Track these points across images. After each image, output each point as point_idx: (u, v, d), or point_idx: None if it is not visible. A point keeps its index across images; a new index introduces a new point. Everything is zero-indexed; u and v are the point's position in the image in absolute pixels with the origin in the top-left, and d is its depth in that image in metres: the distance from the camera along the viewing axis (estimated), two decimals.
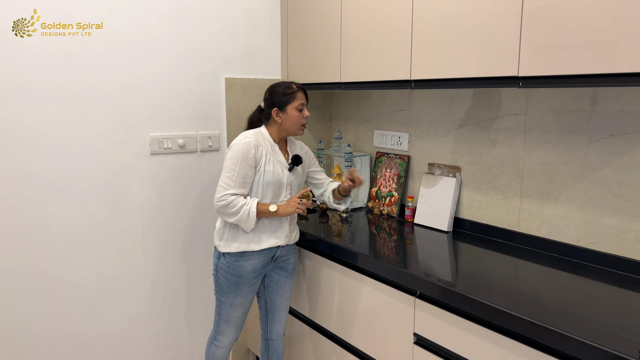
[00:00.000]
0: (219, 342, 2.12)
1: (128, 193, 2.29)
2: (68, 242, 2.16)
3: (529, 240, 1.99)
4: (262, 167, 1.93)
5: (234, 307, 2.05)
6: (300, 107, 1.97)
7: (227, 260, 1.99)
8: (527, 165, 1.99)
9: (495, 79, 1.69)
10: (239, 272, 1.99)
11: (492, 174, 2.12)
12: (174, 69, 2.34)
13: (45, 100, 2.04)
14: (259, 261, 2.01)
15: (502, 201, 2.09)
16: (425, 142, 2.40)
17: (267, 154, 1.95)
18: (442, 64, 1.85)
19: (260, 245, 1.98)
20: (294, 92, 1.96)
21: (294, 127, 1.99)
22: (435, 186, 2.29)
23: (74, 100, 2.10)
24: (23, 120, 2.00)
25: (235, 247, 1.97)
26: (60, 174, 2.11)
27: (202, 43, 2.42)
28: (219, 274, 2.02)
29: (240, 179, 1.89)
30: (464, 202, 2.24)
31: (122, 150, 2.25)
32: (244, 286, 2.02)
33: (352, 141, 2.81)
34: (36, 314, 2.12)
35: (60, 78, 2.06)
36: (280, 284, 2.15)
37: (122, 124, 2.23)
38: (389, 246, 2.16)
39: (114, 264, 2.30)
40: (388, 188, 2.54)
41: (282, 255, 2.09)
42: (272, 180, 1.95)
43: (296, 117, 1.96)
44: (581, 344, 1.23)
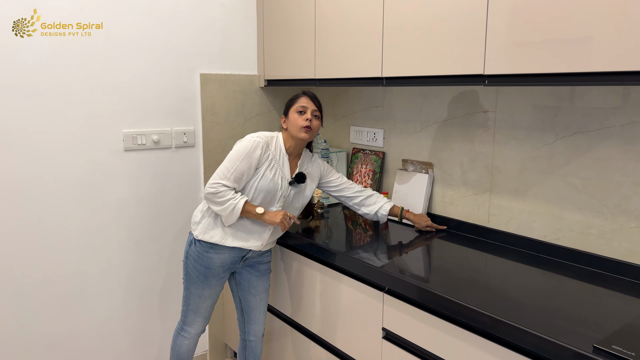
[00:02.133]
0: (185, 333, 2.12)
1: (102, 190, 2.28)
2: (41, 239, 2.15)
3: (499, 235, 2.03)
4: (262, 171, 1.92)
5: (202, 298, 2.06)
6: (300, 110, 1.96)
7: (197, 249, 1.99)
8: (497, 161, 2.02)
9: (462, 77, 1.71)
10: (208, 263, 1.99)
11: (463, 170, 2.14)
12: (148, 64, 2.33)
13: (16, 97, 2.02)
14: (228, 257, 2.01)
15: (473, 197, 2.12)
16: (399, 139, 2.42)
17: (273, 160, 1.95)
18: (412, 62, 1.86)
19: (232, 242, 1.98)
20: (297, 96, 2.01)
21: (295, 129, 1.96)
22: (408, 182, 2.32)
23: (45, 97, 2.08)
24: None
25: (209, 236, 1.97)
26: (32, 170, 2.09)
27: (177, 38, 2.41)
28: (189, 261, 2.02)
29: (236, 174, 1.88)
30: (436, 197, 2.27)
31: (95, 146, 2.24)
32: (213, 278, 2.03)
33: (329, 137, 2.82)
34: (9, 312, 2.11)
35: (31, 75, 2.04)
36: (252, 283, 2.14)
37: (95, 121, 2.22)
38: (363, 242, 2.18)
39: (88, 261, 2.29)
40: (364, 184, 2.56)
41: (253, 257, 2.10)
42: (267, 188, 1.94)
43: (295, 119, 1.96)
44: (538, 338, 1.26)
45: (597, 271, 1.72)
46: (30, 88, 2.04)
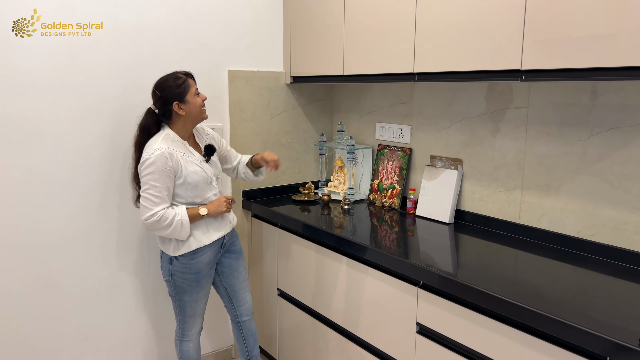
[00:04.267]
0: (187, 338, 2.16)
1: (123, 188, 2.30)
2: (73, 233, 2.18)
3: (530, 232, 2.02)
4: (184, 172, 1.91)
5: (197, 301, 2.09)
6: (197, 92, 1.97)
7: (180, 262, 2.00)
8: (528, 157, 2.01)
9: (498, 72, 1.71)
10: (196, 269, 2.02)
11: (494, 167, 2.14)
12: (177, 61, 2.35)
13: (48, 93, 2.05)
14: (211, 253, 2.05)
15: (503, 193, 2.12)
16: (427, 135, 2.42)
17: (183, 156, 1.92)
18: (446, 57, 1.87)
19: (210, 238, 2.02)
20: (185, 80, 1.93)
21: (199, 112, 1.97)
22: (437, 178, 2.32)
23: (76, 94, 2.11)
24: (26, 113, 2.01)
25: (186, 247, 1.97)
26: (65, 164, 2.12)
27: (205, 36, 2.43)
28: (175, 277, 2.03)
29: (164, 193, 1.88)
30: (466, 194, 2.27)
31: (127, 142, 2.26)
32: (203, 279, 2.07)
33: (354, 134, 2.83)
34: (42, 305, 2.15)
35: (62, 72, 2.07)
36: (233, 267, 2.20)
37: (126, 118, 2.24)
38: (391, 237, 2.19)
39: (118, 255, 2.32)
40: (390, 180, 2.56)
41: (228, 240, 2.16)
42: (199, 180, 1.96)
43: (198, 102, 1.96)
44: (581, 332, 1.26)
45: (633, 267, 1.71)
46: (63, 84, 2.07)
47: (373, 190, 2.65)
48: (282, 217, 2.43)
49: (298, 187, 2.84)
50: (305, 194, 2.70)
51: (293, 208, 2.58)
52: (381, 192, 2.60)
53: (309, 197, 2.68)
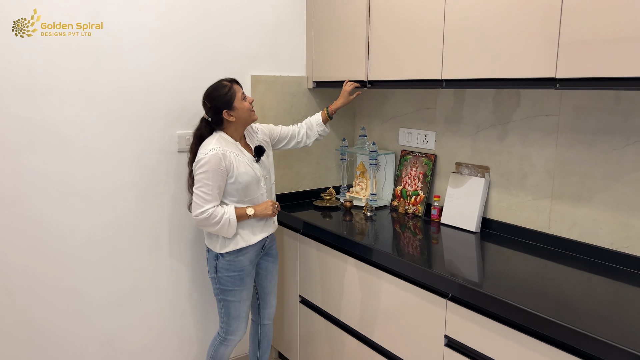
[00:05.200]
0: (229, 342, 2.18)
1: (155, 190, 2.30)
2: (96, 238, 2.18)
3: (560, 242, 1.97)
4: (235, 172, 1.99)
5: (242, 301, 2.13)
6: (244, 96, 2.03)
7: (226, 259, 2.06)
8: (559, 166, 1.96)
9: (531, 80, 1.67)
10: (240, 266, 2.08)
11: (522, 175, 2.09)
12: (200, 66, 2.34)
13: (75, 98, 2.05)
14: (253, 252, 2.12)
15: (532, 202, 2.07)
16: (452, 141, 2.38)
17: (235, 157, 2.00)
18: (476, 64, 1.82)
19: (255, 238, 2.10)
20: (230, 87, 2.01)
21: (247, 115, 2.04)
22: (463, 186, 2.27)
23: (102, 98, 2.11)
24: (50, 117, 2.01)
25: (233, 245, 2.05)
26: (88, 172, 2.12)
27: (228, 40, 2.41)
28: (220, 274, 2.08)
29: (216, 192, 1.96)
30: (493, 202, 2.22)
31: (150, 148, 2.26)
32: (247, 278, 2.12)
33: (376, 139, 2.79)
34: (68, 309, 2.15)
35: (87, 76, 2.06)
36: (269, 270, 2.27)
37: (150, 122, 2.24)
38: (416, 246, 2.15)
39: (140, 260, 2.32)
40: (413, 187, 2.52)
41: (269, 243, 2.22)
42: (249, 180, 2.03)
43: (246, 106, 2.03)
44: (618, 350, 1.22)
45: None
46: (89, 89, 2.07)
47: (396, 197, 2.61)
48: (304, 223, 2.40)
49: (319, 193, 2.82)
50: (327, 199, 2.67)
51: (315, 214, 2.56)
52: (404, 198, 2.56)
53: (331, 203, 2.65)
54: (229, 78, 2.05)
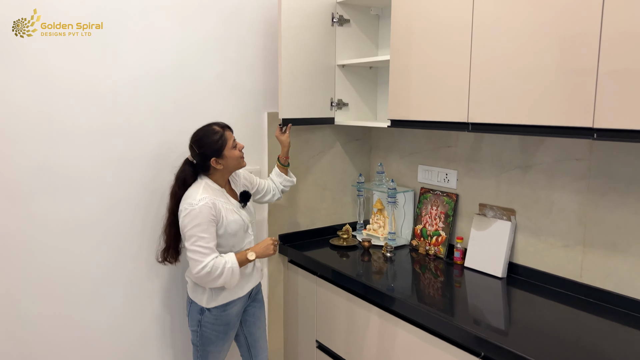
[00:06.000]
0: None
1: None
2: (107, 283, 2.11)
3: (593, 292, 1.88)
4: (224, 221, 1.89)
5: (222, 352, 2.05)
6: (234, 144, 1.94)
7: (213, 314, 1.96)
8: (591, 213, 1.88)
9: (566, 128, 1.59)
10: (227, 320, 1.99)
11: (551, 220, 2.01)
12: (217, 103, 2.29)
13: (88, 139, 1.99)
14: (241, 304, 2.03)
15: (562, 249, 1.98)
16: (475, 181, 2.30)
17: (224, 205, 1.90)
18: (506, 108, 1.74)
19: (244, 290, 2.01)
20: (222, 134, 1.90)
21: (236, 163, 1.97)
22: (488, 228, 2.19)
23: (117, 138, 2.06)
24: (62, 161, 1.95)
25: (222, 298, 1.95)
26: (97, 213, 2.06)
27: (245, 77, 2.36)
28: (205, 328, 1.97)
29: (212, 243, 1.84)
30: (519, 246, 2.14)
31: (162, 188, 2.19)
32: (231, 331, 2.04)
33: (394, 175, 2.72)
34: (74, 356, 2.07)
35: (104, 115, 2.01)
36: (257, 316, 2.17)
37: (166, 161, 2.17)
38: (440, 292, 2.06)
39: (151, 305, 2.24)
40: (434, 227, 2.44)
41: (255, 290, 2.13)
42: (237, 229, 1.94)
43: (236, 155, 1.94)
44: None
45: None
46: (103, 128, 2.02)
47: (416, 236, 2.53)
48: (322, 266, 2.32)
49: (334, 229, 2.74)
50: (344, 238, 2.59)
51: (332, 254, 2.48)
52: (425, 238, 2.48)
53: (348, 242, 2.57)
54: (221, 123, 1.95)
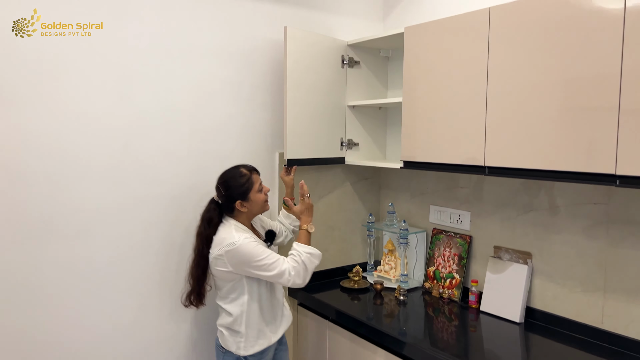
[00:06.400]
0: None
1: (180, 276, 2.17)
2: (120, 331, 2.05)
3: (616, 339, 1.84)
4: None
5: None
6: (260, 187, 1.94)
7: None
8: (611, 258, 1.85)
9: (587, 174, 1.58)
10: None
11: (569, 264, 1.98)
12: (229, 143, 2.29)
13: (100, 182, 1.97)
14: (272, 349, 2.01)
15: (582, 294, 1.94)
16: (489, 223, 2.28)
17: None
18: (524, 153, 1.73)
19: (277, 334, 1.99)
20: (249, 178, 1.92)
21: (261, 207, 1.97)
22: (503, 272, 2.16)
23: (130, 181, 2.04)
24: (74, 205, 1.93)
25: (259, 345, 1.92)
26: (112, 260, 2.02)
27: (257, 118, 2.37)
28: None
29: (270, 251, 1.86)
30: (536, 290, 2.10)
31: (175, 231, 2.16)
32: None
33: (405, 214, 2.69)
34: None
35: (116, 155, 2.00)
36: (283, 359, 2.13)
37: (176, 204, 2.15)
38: (457, 339, 2.01)
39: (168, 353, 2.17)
40: (448, 269, 2.40)
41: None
42: None
43: (261, 198, 1.94)
44: None
45: None
46: (115, 169, 2.01)
47: (428, 278, 2.49)
48: (334, 310, 2.26)
49: (344, 270, 2.69)
50: (355, 280, 2.54)
51: (343, 297, 2.43)
52: (438, 280, 2.43)
53: (359, 285, 2.52)
54: (248, 166, 1.97)
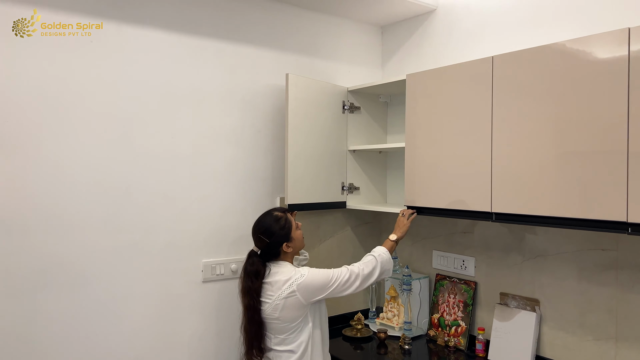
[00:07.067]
0: None
1: (176, 326, 2.11)
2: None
3: None
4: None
5: None
6: (297, 225, 1.99)
7: None
8: (622, 305, 1.82)
9: (596, 221, 1.57)
10: None
11: (579, 312, 1.94)
12: (230, 189, 2.26)
13: (100, 232, 1.92)
14: None
15: (593, 343, 1.90)
16: (495, 269, 2.25)
17: None
18: (532, 200, 1.72)
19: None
20: (286, 219, 1.95)
21: (302, 242, 2.02)
22: (511, 320, 2.11)
23: (128, 231, 1.99)
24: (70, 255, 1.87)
25: None
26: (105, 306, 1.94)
27: (258, 163, 2.35)
28: None
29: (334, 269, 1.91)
30: (545, 339, 2.05)
31: (174, 280, 2.10)
32: None
33: (407, 260, 2.66)
34: None
35: (117, 209, 1.96)
36: None
37: (176, 252, 2.10)
38: None
39: None
40: (453, 316, 2.35)
41: None
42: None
43: (300, 234, 2.00)
44: None
45: None
46: (115, 223, 1.95)
47: (433, 326, 2.43)
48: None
49: (345, 318, 2.62)
50: (358, 329, 2.47)
51: (346, 347, 2.35)
52: (443, 328, 2.37)
53: (362, 334, 2.45)
54: (280, 208, 2.01)
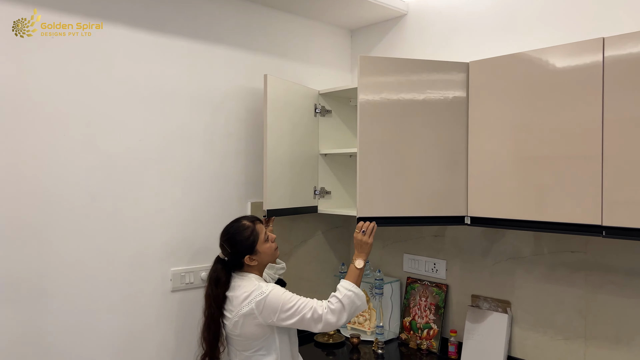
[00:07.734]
0: None
1: (143, 339, 2.00)
2: None
3: None
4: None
5: None
6: (266, 237, 1.84)
7: None
8: (591, 305, 1.88)
9: (571, 225, 1.61)
10: None
11: (549, 312, 1.99)
12: (201, 193, 2.17)
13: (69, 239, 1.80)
14: None
15: (563, 342, 1.95)
16: (466, 272, 2.27)
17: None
18: (508, 204, 1.76)
19: None
20: (253, 229, 1.81)
21: (271, 256, 1.87)
22: (483, 321, 2.14)
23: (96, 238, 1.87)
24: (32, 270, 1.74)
25: None
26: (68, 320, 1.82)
27: (229, 167, 2.27)
28: None
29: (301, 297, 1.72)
30: (516, 339, 2.09)
31: (141, 290, 2.00)
32: None
33: (377, 263, 2.65)
34: None
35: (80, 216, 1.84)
36: None
37: (143, 260, 2.00)
38: None
39: None
40: (425, 319, 2.36)
41: None
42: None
43: (269, 247, 1.84)
44: None
45: None
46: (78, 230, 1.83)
47: (405, 329, 2.43)
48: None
49: None
50: (330, 335, 2.44)
51: (318, 353, 2.32)
52: (415, 331, 2.38)
53: (334, 339, 2.42)
54: (250, 217, 1.88)
